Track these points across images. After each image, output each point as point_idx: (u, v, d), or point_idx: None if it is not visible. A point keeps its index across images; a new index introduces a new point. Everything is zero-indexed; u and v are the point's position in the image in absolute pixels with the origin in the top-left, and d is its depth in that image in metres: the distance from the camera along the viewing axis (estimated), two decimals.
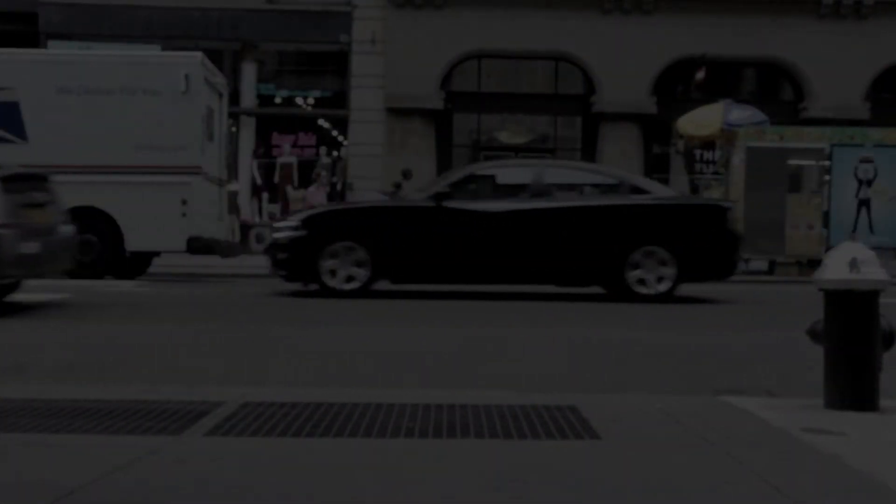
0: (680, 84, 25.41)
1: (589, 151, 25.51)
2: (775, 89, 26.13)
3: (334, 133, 26.45)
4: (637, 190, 12.33)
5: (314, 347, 7.46)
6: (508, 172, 13.33)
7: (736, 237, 12.37)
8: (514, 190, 12.49)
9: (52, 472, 3.34)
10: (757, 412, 4.49)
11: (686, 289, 12.16)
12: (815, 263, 14.66)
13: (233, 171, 22.23)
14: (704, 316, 10.66)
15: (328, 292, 11.69)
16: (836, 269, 4.51)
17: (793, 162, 18.44)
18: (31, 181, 10.37)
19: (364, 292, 11.72)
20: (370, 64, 24.76)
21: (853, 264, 4.46)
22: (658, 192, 12.59)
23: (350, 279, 11.77)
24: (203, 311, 10.26)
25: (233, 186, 19.79)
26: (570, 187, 12.63)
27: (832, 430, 4.07)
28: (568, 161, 14.81)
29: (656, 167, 25.97)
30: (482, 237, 11.91)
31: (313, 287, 11.95)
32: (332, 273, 11.75)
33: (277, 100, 25.96)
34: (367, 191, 22.35)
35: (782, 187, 18.23)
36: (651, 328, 9.23)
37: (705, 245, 11.99)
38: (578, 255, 11.88)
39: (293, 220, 12.34)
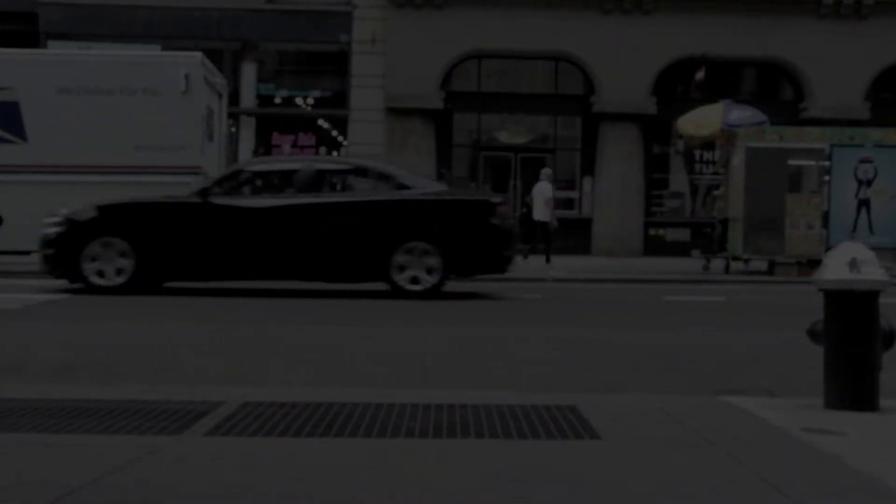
0: (680, 84, 25.41)
1: (589, 151, 25.52)
2: (775, 89, 26.13)
3: (334, 133, 26.46)
4: (405, 186, 12.22)
5: (314, 347, 7.46)
6: (277, 168, 13.26)
7: (505, 232, 12.16)
8: (282, 186, 12.41)
9: (52, 472, 3.34)
10: (757, 412, 4.49)
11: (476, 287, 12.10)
12: (814, 263, 14.66)
13: None
14: (702, 316, 10.65)
15: (91, 289, 11.61)
16: (836, 269, 4.51)
17: (793, 162, 18.44)
18: None
19: (128, 289, 11.59)
20: (370, 64, 24.77)
21: (853, 264, 4.46)
22: (425, 187, 12.49)
23: (115, 275, 11.69)
24: (203, 311, 10.26)
25: None
26: (338, 183, 12.56)
27: (832, 430, 4.07)
28: (337, 157, 14.72)
29: (656, 167, 25.99)
30: (248, 234, 11.83)
31: (78, 285, 11.86)
32: (96, 270, 11.71)
33: (277, 100, 25.96)
34: None
35: (782, 187, 18.22)
36: (650, 328, 9.23)
37: (472, 240, 11.92)
38: (343, 250, 11.84)
39: (59, 216, 12.13)
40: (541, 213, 19.96)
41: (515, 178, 25.31)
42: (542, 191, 20.05)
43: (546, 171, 20.96)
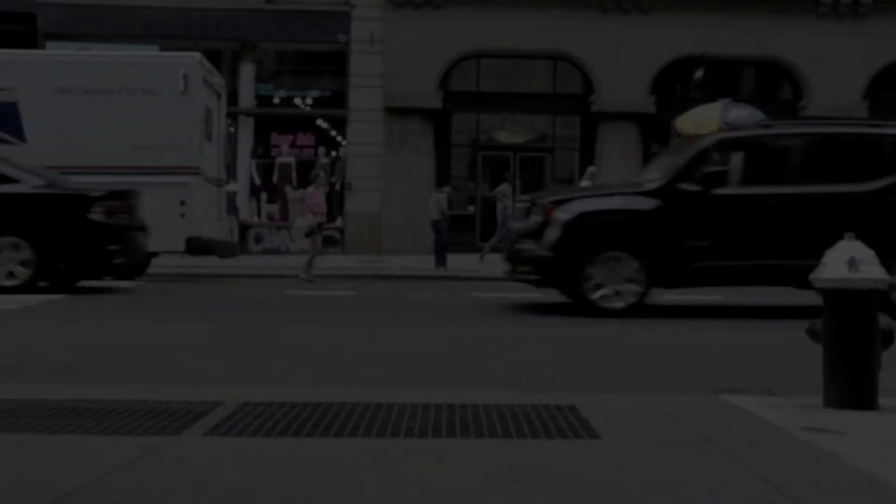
0: (679, 83, 25.40)
1: (588, 151, 25.51)
2: (774, 88, 26.13)
3: (333, 133, 26.44)
4: (7, 179, 12.01)
5: (314, 347, 7.46)
6: None
7: (109, 228, 11.95)
8: None
9: (52, 472, 3.33)
10: (757, 411, 4.49)
11: None
12: None
13: (231, 171, 22.22)
14: (703, 315, 10.65)
15: None
16: (834, 268, 4.50)
17: None
18: None
19: None
20: (369, 64, 24.75)
21: (852, 263, 4.46)
22: (30, 182, 12.20)
23: None
24: (202, 311, 10.26)
25: (231, 187, 19.79)
26: None
27: (832, 429, 4.07)
28: None
29: None
30: None
31: None
32: None
33: (276, 100, 25.93)
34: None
35: None
36: (650, 328, 9.23)
37: (67, 236, 11.76)
38: None
39: None
40: None
41: (514, 178, 25.31)
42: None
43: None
